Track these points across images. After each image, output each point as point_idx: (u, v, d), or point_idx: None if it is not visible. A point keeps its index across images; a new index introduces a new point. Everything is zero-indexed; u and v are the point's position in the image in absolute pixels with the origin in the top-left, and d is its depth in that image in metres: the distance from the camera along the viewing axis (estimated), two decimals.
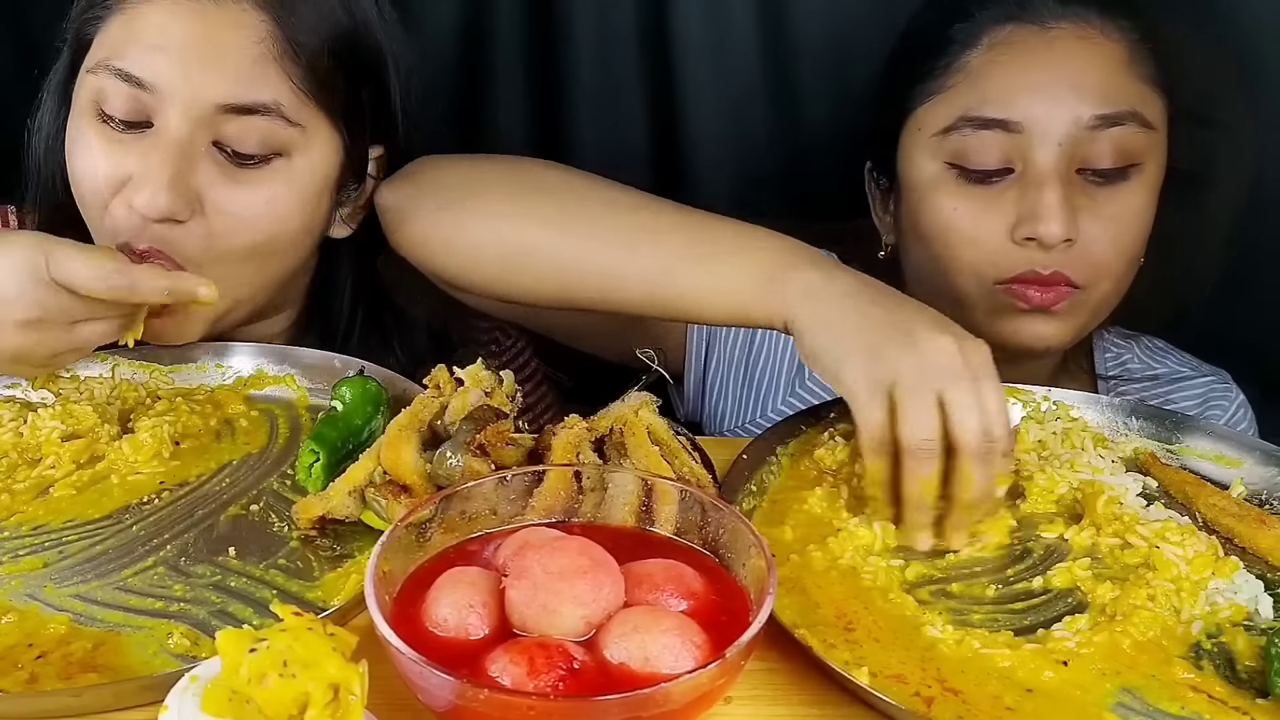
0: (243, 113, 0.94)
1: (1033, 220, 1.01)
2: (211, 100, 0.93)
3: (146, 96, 0.93)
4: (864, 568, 0.77)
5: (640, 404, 0.87)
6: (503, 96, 1.36)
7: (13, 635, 0.69)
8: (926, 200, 1.08)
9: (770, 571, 0.59)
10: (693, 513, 0.67)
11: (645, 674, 0.55)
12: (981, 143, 1.04)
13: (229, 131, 0.94)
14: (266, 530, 0.81)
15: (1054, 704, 0.65)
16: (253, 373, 1.01)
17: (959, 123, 1.05)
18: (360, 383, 0.89)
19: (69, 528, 0.81)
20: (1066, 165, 1.02)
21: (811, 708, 0.66)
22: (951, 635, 0.70)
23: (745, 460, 0.86)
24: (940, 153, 1.07)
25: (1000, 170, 1.04)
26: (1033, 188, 1.02)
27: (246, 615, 0.72)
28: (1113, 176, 1.04)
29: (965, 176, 1.05)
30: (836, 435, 0.91)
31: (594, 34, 1.33)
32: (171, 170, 0.92)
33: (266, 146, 0.95)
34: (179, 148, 0.92)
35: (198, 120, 0.93)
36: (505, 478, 0.70)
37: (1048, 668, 0.68)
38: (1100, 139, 1.02)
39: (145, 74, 0.92)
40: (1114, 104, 1.02)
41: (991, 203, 1.04)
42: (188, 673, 0.54)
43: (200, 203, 0.94)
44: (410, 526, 0.64)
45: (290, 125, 0.95)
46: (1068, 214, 1.01)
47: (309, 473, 0.83)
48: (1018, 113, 1.03)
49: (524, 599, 0.58)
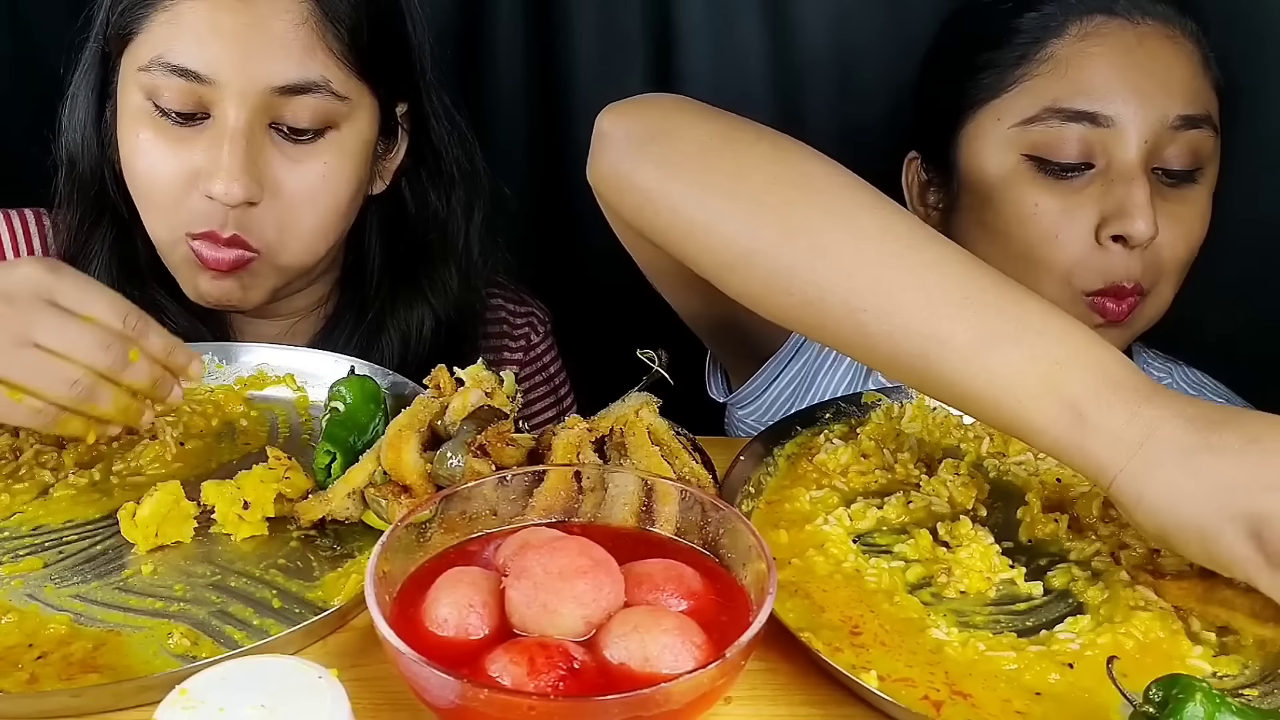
0: (296, 93, 0.98)
1: (1121, 217, 1.00)
2: (266, 84, 0.97)
3: (202, 89, 0.96)
4: (867, 570, 0.77)
5: (641, 404, 0.87)
6: (503, 95, 1.36)
7: (13, 635, 0.69)
8: (1001, 194, 1.06)
9: (770, 572, 0.59)
10: (693, 513, 0.67)
11: (645, 674, 0.55)
12: (1066, 135, 1.02)
13: (284, 112, 0.98)
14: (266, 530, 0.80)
15: (1062, 707, 0.65)
16: (253, 373, 1.01)
17: (1044, 113, 1.03)
18: (359, 382, 0.89)
19: (69, 528, 0.81)
20: (1147, 163, 1.02)
21: (812, 708, 0.66)
22: (957, 637, 0.70)
23: (743, 461, 0.86)
24: (1020, 144, 1.05)
25: (1079, 165, 1.03)
26: (1119, 184, 1.01)
27: (247, 615, 0.72)
28: (1182, 178, 1.03)
29: (1044, 170, 1.04)
30: (833, 438, 0.91)
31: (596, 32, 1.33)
32: (241, 156, 0.96)
33: (319, 121, 1.00)
34: (243, 134, 0.96)
35: (255, 106, 0.97)
36: (505, 478, 0.70)
37: (1054, 670, 0.67)
38: (1179, 139, 1.02)
39: (200, 66, 0.96)
40: (1196, 105, 1.02)
41: (1074, 199, 1.03)
42: (177, 686, 0.53)
43: (268, 183, 0.99)
44: (410, 527, 0.64)
45: (339, 99, 1.00)
46: (1153, 212, 1.00)
47: (327, 474, 0.83)
48: (1109, 107, 1.01)
49: (524, 599, 0.58)
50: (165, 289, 1.07)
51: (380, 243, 1.14)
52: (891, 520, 0.82)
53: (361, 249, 1.15)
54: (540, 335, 1.30)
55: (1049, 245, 1.04)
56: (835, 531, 0.80)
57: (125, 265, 1.07)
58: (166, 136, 0.98)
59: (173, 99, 0.97)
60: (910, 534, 0.80)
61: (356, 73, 1.01)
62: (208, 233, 0.99)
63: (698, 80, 1.33)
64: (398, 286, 1.14)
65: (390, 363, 1.09)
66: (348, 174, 1.03)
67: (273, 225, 1.00)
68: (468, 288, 1.17)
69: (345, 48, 0.99)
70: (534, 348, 1.29)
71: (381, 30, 1.03)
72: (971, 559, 0.77)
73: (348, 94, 1.01)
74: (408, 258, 1.14)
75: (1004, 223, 1.06)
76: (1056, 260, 1.04)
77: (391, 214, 1.14)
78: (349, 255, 1.15)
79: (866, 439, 0.91)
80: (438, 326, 1.14)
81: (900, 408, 0.95)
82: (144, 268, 1.07)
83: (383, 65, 1.04)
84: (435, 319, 1.13)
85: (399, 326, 1.12)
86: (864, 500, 0.84)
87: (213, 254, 0.99)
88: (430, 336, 1.13)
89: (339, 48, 0.99)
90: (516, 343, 1.27)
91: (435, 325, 1.13)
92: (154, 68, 0.97)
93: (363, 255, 1.15)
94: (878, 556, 0.78)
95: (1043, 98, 1.04)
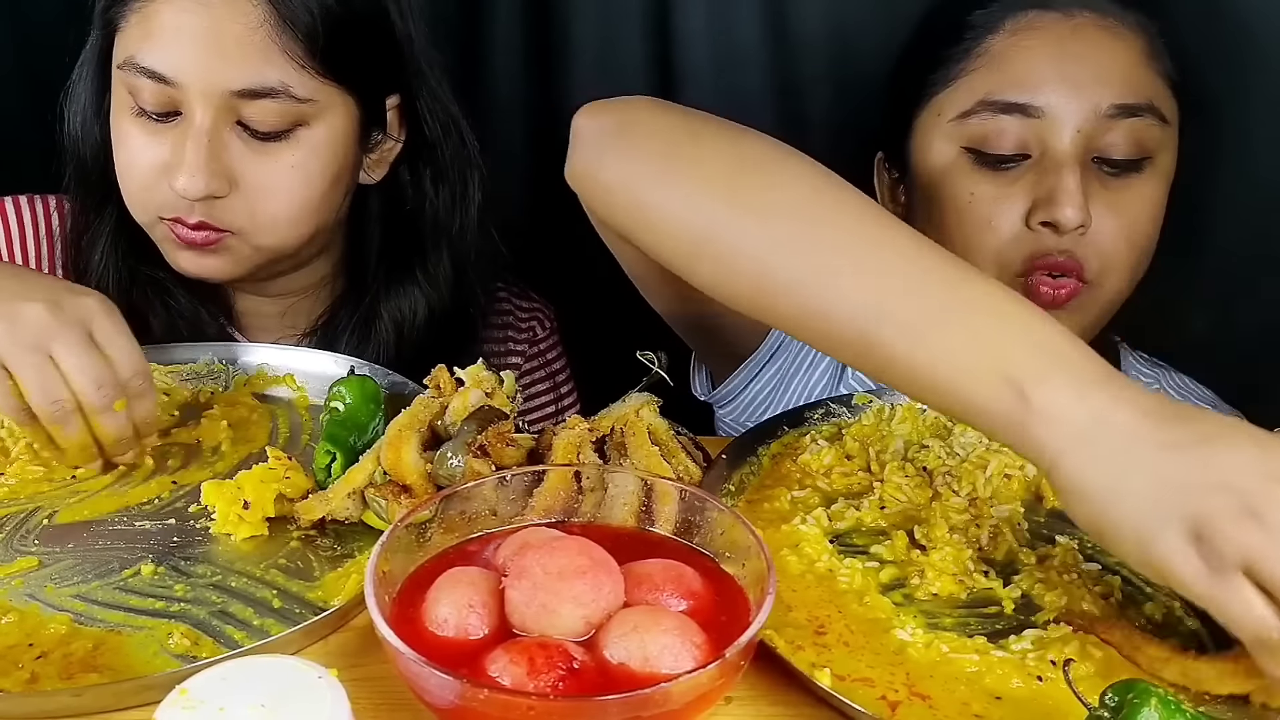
0: (256, 96, 0.99)
1: (1049, 204, 1.01)
2: (225, 88, 0.98)
3: (171, 90, 0.98)
4: (840, 570, 0.76)
5: (642, 404, 0.87)
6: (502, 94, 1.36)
7: (13, 635, 0.69)
8: (941, 186, 1.08)
9: (770, 572, 0.59)
10: (693, 513, 0.67)
11: (645, 674, 0.55)
12: (1000, 127, 1.04)
13: (248, 113, 0.99)
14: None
15: (1021, 711, 0.64)
16: (253, 373, 1.01)
17: (979, 107, 1.05)
18: (358, 382, 0.89)
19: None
20: (1083, 152, 1.02)
21: (813, 708, 0.66)
22: (922, 639, 0.70)
23: (725, 459, 0.86)
24: (958, 137, 1.07)
25: (1016, 156, 1.04)
26: (1050, 173, 1.02)
27: (247, 615, 0.72)
28: (1126, 168, 1.04)
29: (982, 161, 1.05)
30: (819, 439, 0.91)
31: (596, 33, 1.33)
32: (204, 154, 0.98)
33: (284, 122, 1.01)
34: (206, 133, 0.98)
35: (218, 107, 0.98)
36: (505, 478, 0.70)
37: (1016, 675, 0.67)
38: (1117, 128, 1.02)
39: (165, 69, 0.98)
40: (1133, 95, 1.03)
41: (1008, 187, 1.04)
42: (177, 686, 0.53)
43: (235, 178, 1.00)
44: (410, 527, 0.64)
45: (301, 102, 1.00)
46: (1084, 199, 1.01)
47: (327, 473, 0.83)
48: (1039, 98, 1.02)
49: (524, 599, 0.58)
50: (169, 271, 1.08)
51: (380, 231, 1.15)
52: (868, 522, 0.82)
53: (362, 236, 1.16)
54: (545, 331, 1.31)
55: (983, 232, 1.06)
56: (811, 531, 0.80)
57: (132, 247, 1.09)
58: (145, 130, 1.01)
59: (148, 98, 0.99)
60: (889, 535, 0.80)
61: (320, 74, 1.00)
62: (176, 218, 1.01)
63: (698, 80, 1.32)
64: (392, 273, 1.15)
65: (387, 351, 1.11)
66: (318, 169, 1.04)
67: (244, 213, 1.02)
68: (463, 278, 1.17)
69: (304, 51, 0.99)
70: (538, 342, 1.30)
71: (352, 29, 1.02)
72: (944, 561, 0.77)
73: (311, 96, 1.00)
74: (403, 246, 1.15)
75: (943, 214, 1.08)
76: (989, 246, 1.05)
77: (391, 202, 1.15)
78: (350, 242, 1.16)
79: (851, 440, 0.91)
80: (431, 316, 1.14)
81: (891, 410, 0.96)
82: (149, 248, 1.08)
83: (356, 63, 1.03)
84: (429, 308, 1.14)
85: (393, 314, 1.13)
86: (844, 501, 0.84)
87: (185, 234, 1.02)
88: (424, 326, 1.14)
89: (298, 51, 0.99)
90: (521, 335, 1.28)
91: (429, 315, 1.14)
92: (128, 68, 0.99)
93: (363, 242, 1.16)
94: (853, 557, 0.78)
95: (978, 91, 1.05)
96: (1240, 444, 0.62)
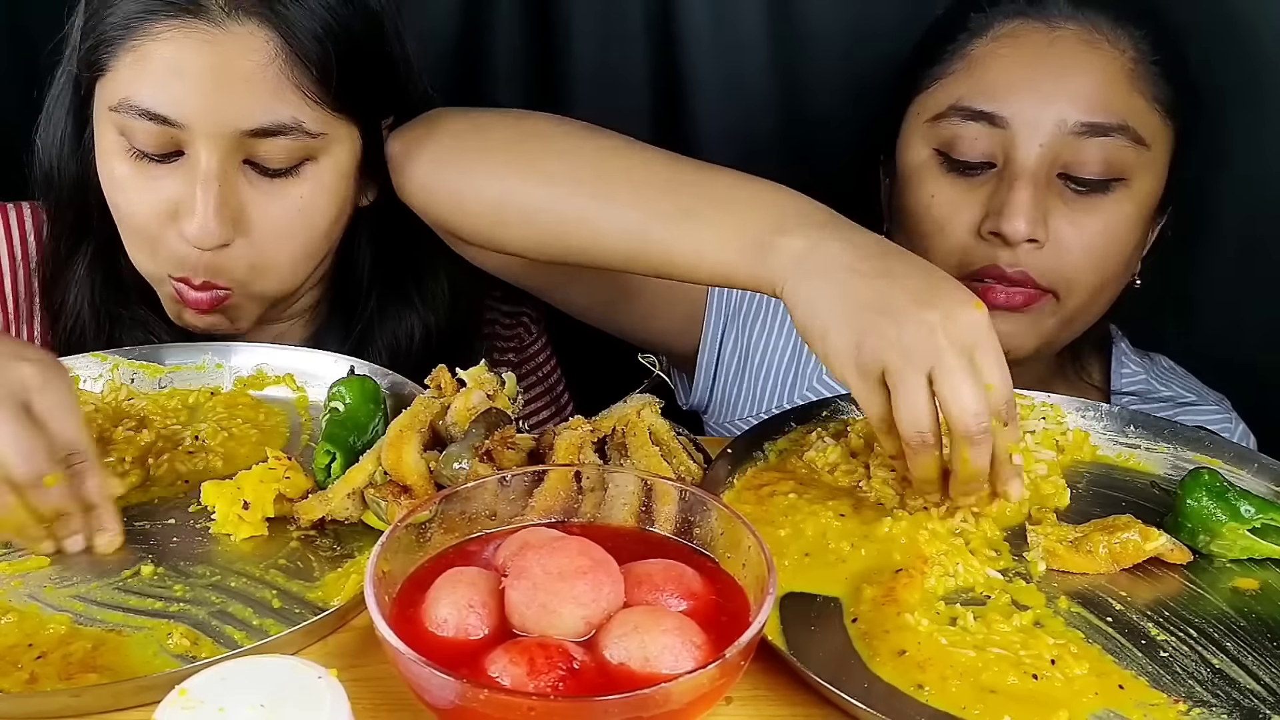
0: (267, 135, 0.95)
1: (998, 215, 1.01)
2: (235, 128, 0.94)
3: (174, 131, 0.93)
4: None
5: (643, 405, 0.87)
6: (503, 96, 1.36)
7: (13, 635, 0.69)
8: (909, 185, 1.08)
9: (770, 572, 0.59)
10: (693, 513, 0.67)
11: (645, 674, 0.56)
12: (968, 133, 1.04)
13: (257, 151, 0.96)
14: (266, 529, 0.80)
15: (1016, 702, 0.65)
16: (252, 373, 1.01)
17: (950, 111, 1.05)
18: (358, 382, 0.89)
19: None
20: (1047, 167, 1.02)
21: (813, 708, 0.66)
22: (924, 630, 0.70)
23: (730, 454, 0.86)
24: (931, 139, 1.07)
25: (983, 163, 1.04)
26: (1006, 184, 1.02)
27: (246, 615, 0.72)
28: (1094, 187, 1.02)
29: (948, 165, 1.06)
30: (825, 436, 0.91)
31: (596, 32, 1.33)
32: (215, 200, 0.94)
33: (294, 158, 0.97)
34: (215, 176, 0.94)
35: (227, 148, 0.94)
36: (505, 478, 0.70)
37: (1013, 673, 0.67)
38: (1086, 146, 1.01)
39: (168, 111, 0.93)
40: (1105, 114, 1.01)
41: (967, 194, 1.05)
42: (177, 686, 0.53)
43: (243, 221, 0.97)
44: (410, 527, 0.64)
45: (313, 136, 0.97)
46: (1036, 214, 1.00)
47: (327, 473, 0.83)
48: (1006, 108, 1.02)
49: (524, 599, 0.58)
50: (150, 306, 1.06)
51: (370, 254, 1.12)
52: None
53: (351, 259, 1.12)
54: (533, 335, 1.27)
55: (936, 236, 1.06)
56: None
57: (108, 283, 1.06)
58: (144, 174, 0.96)
59: (145, 140, 0.94)
60: None
61: (331, 108, 0.97)
62: (184, 278, 0.98)
63: (698, 81, 1.32)
64: (386, 298, 1.12)
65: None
66: (325, 203, 1.01)
67: (244, 264, 0.98)
68: (460, 300, 1.15)
69: (317, 85, 0.95)
70: (526, 348, 1.26)
71: (357, 59, 0.99)
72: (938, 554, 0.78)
73: (322, 130, 0.97)
74: (397, 269, 1.12)
75: (906, 214, 1.09)
76: (940, 249, 1.06)
77: (382, 224, 1.11)
78: (338, 264, 1.12)
79: (856, 437, 0.91)
80: (428, 338, 1.12)
81: None
82: (129, 286, 1.06)
83: (361, 92, 1.00)
84: (425, 330, 1.11)
85: (388, 340, 1.10)
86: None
87: (192, 295, 0.99)
88: (420, 346, 1.11)
89: (310, 86, 0.95)
90: (509, 344, 1.25)
91: (425, 334, 1.11)
92: (123, 110, 0.94)
93: (352, 265, 1.12)
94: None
95: (951, 95, 1.06)
96: (910, 279, 0.76)
